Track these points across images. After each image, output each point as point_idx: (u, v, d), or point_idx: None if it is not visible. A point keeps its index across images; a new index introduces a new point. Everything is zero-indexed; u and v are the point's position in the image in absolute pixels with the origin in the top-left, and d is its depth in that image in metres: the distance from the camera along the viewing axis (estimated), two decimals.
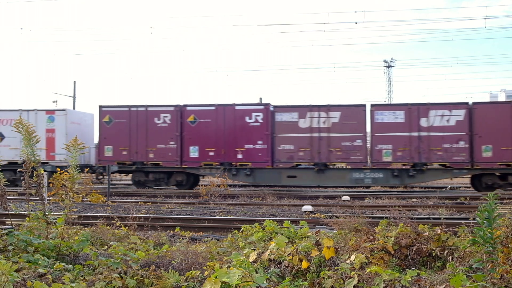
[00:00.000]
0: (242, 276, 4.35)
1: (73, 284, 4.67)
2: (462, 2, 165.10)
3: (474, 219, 5.44)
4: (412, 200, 17.11)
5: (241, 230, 7.51)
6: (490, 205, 4.45)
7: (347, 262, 5.21)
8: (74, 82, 46.07)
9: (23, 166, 6.89)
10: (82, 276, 5.16)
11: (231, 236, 7.60)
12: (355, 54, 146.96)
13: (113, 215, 11.33)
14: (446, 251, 5.35)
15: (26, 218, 7.39)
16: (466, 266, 4.87)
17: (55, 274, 5.06)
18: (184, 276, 5.18)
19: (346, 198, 17.57)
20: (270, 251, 5.72)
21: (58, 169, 15.91)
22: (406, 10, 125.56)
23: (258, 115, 21.15)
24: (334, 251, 5.47)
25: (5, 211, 7.47)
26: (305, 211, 13.41)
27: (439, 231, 5.59)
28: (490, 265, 4.44)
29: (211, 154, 21.37)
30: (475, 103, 20.10)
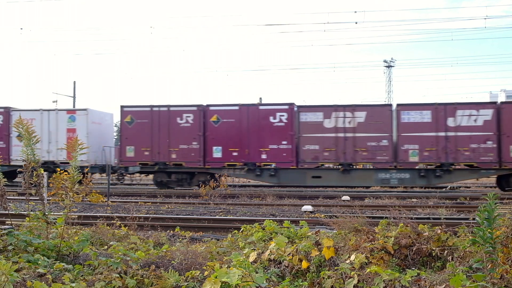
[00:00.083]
0: (242, 276, 4.35)
1: (73, 284, 4.67)
2: (462, 2, 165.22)
3: (474, 219, 5.44)
4: (412, 200, 17.12)
5: (241, 230, 7.51)
6: (490, 205, 4.45)
7: (347, 262, 5.21)
8: (74, 82, 46.25)
9: (23, 166, 6.89)
10: (82, 276, 5.16)
11: (231, 236, 7.59)
12: (355, 54, 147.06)
13: (113, 215, 11.34)
14: (446, 251, 5.35)
15: (26, 218, 7.38)
16: (466, 266, 4.87)
17: (55, 274, 5.06)
18: (184, 276, 5.18)
19: (346, 198, 17.58)
20: (270, 251, 5.71)
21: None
22: (406, 10, 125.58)
23: (283, 115, 21.03)
24: (334, 251, 5.46)
25: (5, 211, 7.48)
26: (305, 211, 13.41)
27: (439, 231, 5.59)
28: (490, 265, 4.44)
29: (235, 154, 21.24)
30: (503, 102, 20.17)
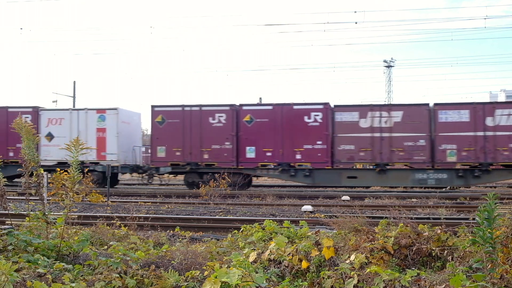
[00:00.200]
0: (242, 276, 4.35)
1: (73, 284, 4.67)
2: (462, 2, 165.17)
3: (474, 219, 5.44)
4: (412, 200, 17.11)
5: (241, 230, 7.50)
6: (490, 205, 4.45)
7: (347, 262, 5.20)
8: (74, 82, 46.27)
9: (23, 166, 6.89)
10: (82, 276, 5.16)
11: (231, 236, 7.59)
12: (354, 54, 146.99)
13: (113, 215, 11.33)
14: (446, 251, 5.35)
15: (26, 218, 7.38)
16: (466, 266, 4.87)
17: (55, 274, 5.06)
18: (184, 276, 5.18)
19: (346, 198, 17.58)
20: (270, 251, 5.71)
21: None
22: (406, 10, 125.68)
23: (317, 115, 20.77)
24: (334, 251, 5.46)
25: (5, 211, 7.48)
26: (305, 211, 13.41)
27: (439, 231, 5.59)
28: (490, 265, 4.44)
29: (268, 154, 20.96)
30: None
